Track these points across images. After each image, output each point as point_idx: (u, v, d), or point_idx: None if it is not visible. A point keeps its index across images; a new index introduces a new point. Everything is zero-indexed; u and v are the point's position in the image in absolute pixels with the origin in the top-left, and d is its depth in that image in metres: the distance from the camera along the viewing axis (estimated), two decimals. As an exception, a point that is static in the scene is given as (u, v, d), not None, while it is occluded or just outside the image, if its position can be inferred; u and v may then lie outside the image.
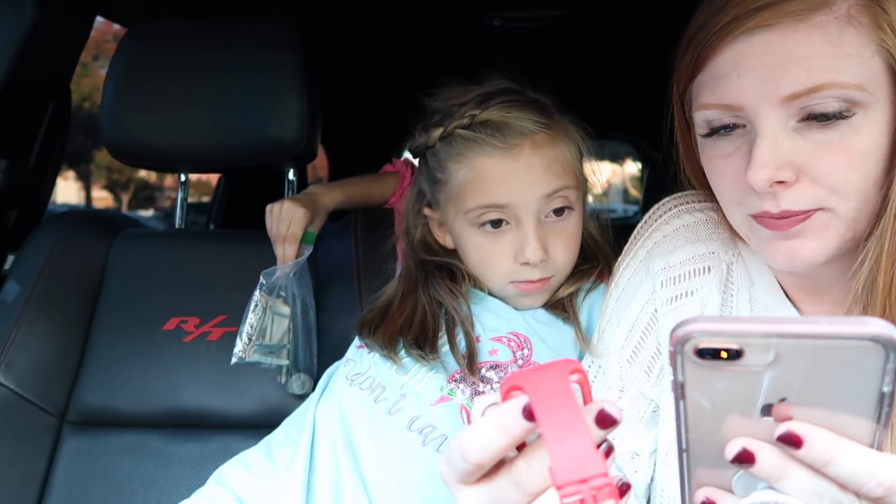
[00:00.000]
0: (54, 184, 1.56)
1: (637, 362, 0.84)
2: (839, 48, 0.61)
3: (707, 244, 0.83)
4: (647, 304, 0.85)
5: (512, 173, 0.95)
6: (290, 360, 1.15)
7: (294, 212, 1.14)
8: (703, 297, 0.81)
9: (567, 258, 1.00)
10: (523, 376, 0.42)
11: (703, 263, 0.82)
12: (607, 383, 0.86)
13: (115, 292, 1.27)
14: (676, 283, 0.82)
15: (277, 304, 1.13)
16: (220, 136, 1.27)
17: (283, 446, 0.99)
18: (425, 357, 0.95)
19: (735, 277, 0.80)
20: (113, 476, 1.14)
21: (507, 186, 0.95)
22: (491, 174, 0.96)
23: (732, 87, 0.64)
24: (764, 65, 0.62)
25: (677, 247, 0.84)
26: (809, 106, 0.62)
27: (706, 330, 0.39)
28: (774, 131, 0.63)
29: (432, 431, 0.93)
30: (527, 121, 0.96)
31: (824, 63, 0.61)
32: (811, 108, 0.62)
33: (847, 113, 0.61)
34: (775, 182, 0.63)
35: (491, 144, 0.95)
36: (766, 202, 0.65)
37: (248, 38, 1.27)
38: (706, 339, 0.39)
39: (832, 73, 0.60)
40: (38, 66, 1.32)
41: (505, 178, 0.95)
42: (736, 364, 0.40)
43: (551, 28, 1.77)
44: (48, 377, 1.19)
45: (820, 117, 0.62)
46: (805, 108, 0.62)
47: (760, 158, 0.63)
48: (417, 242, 1.09)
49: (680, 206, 0.87)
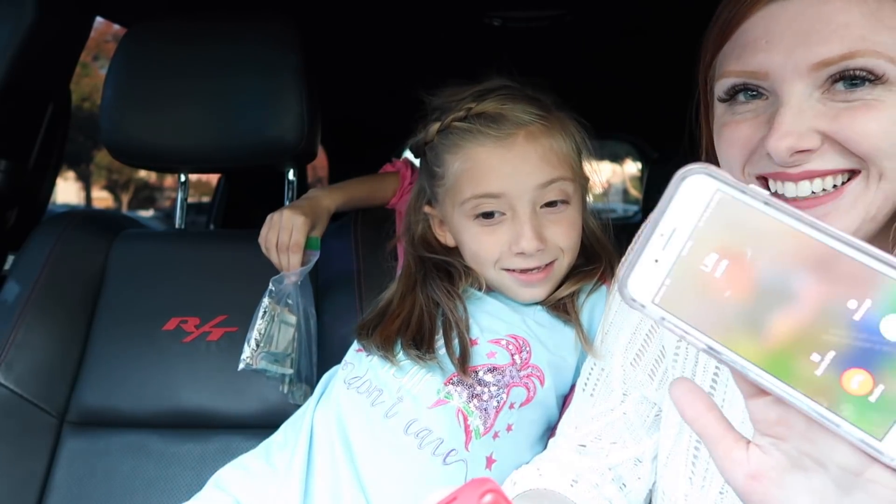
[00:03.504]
0: (54, 184, 1.56)
1: (640, 365, 0.84)
2: (877, 18, 0.59)
3: None
4: None
5: (506, 163, 0.96)
6: (293, 370, 1.15)
7: (294, 220, 1.12)
8: None
9: (567, 243, 1.00)
10: None
11: None
12: (609, 387, 0.86)
13: (115, 292, 1.27)
14: None
15: (284, 312, 1.13)
16: (220, 136, 1.27)
17: (282, 450, 0.99)
18: (422, 357, 0.95)
19: None
20: (113, 476, 1.14)
21: (501, 175, 0.96)
22: (485, 163, 0.96)
23: (760, 52, 0.62)
24: (796, 31, 0.60)
25: None
26: (838, 77, 0.59)
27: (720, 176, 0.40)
28: (799, 99, 0.61)
29: (429, 435, 0.92)
30: (522, 111, 0.97)
31: (860, 32, 0.59)
32: (841, 75, 0.59)
33: (876, 90, 0.59)
34: (797, 152, 0.61)
35: (485, 134, 0.96)
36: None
37: (249, 38, 1.27)
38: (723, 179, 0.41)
39: (869, 41, 0.58)
40: (38, 66, 1.32)
41: (499, 168, 0.96)
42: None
43: (551, 28, 1.76)
44: (48, 377, 1.19)
45: (849, 83, 0.60)
46: (834, 78, 0.60)
47: (783, 126, 0.60)
48: (418, 239, 1.09)
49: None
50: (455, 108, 0.99)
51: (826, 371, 0.39)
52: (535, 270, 0.99)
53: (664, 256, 0.41)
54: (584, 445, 0.86)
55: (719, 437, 0.46)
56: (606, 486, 0.83)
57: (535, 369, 0.96)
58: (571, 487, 0.81)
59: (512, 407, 0.94)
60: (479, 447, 0.93)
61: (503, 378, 0.95)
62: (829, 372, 0.39)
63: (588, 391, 0.88)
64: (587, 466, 0.84)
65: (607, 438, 0.84)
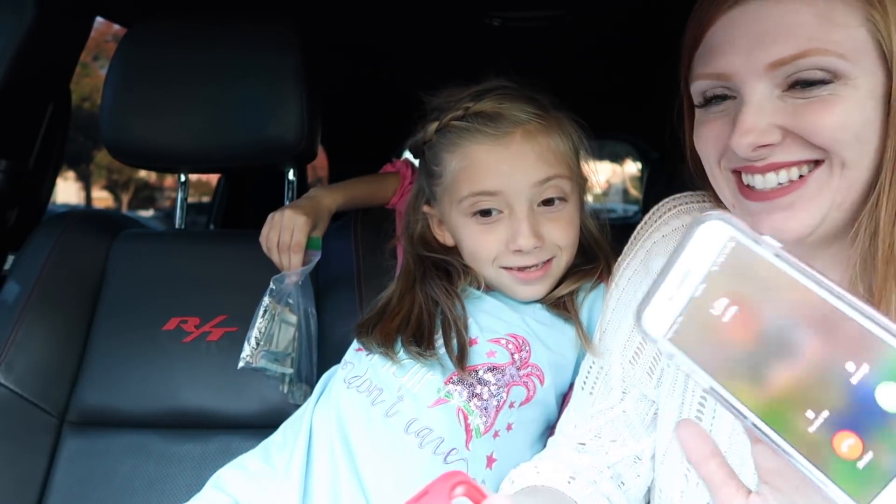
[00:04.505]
0: (54, 184, 1.56)
1: (639, 364, 0.84)
2: (826, 18, 0.62)
3: None
4: None
5: (503, 161, 0.96)
6: (293, 370, 1.15)
7: (296, 220, 1.12)
8: None
9: (565, 241, 1.00)
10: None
11: None
12: (609, 385, 0.86)
13: (115, 292, 1.27)
14: None
15: (285, 312, 1.13)
16: (220, 137, 1.27)
17: (281, 450, 0.99)
18: (423, 354, 0.95)
19: None
20: (113, 476, 1.14)
21: (498, 173, 0.96)
22: (482, 161, 0.97)
23: (724, 55, 0.66)
24: (753, 32, 0.64)
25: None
26: (795, 74, 0.63)
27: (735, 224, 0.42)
28: (760, 98, 0.65)
29: (429, 434, 0.93)
30: (519, 110, 0.97)
31: (811, 31, 0.62)
32: (797, 76, 0.63)
33: (832, 86, 0.63)
34: (759, 146, 0.65)
35: (483, 132, 0.97)
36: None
37: (249, 39, 1.27)
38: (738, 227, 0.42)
39: (818, 41, 0.62)
40: (39, 67, 1.32)
41: (496, 166, 0.97)
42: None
43: (551, 28, 1.76)
44: (48, 377, 1.19)
45: (804, 83, 0.63)
46: (791, 76, 0.64)
47: (744, 124, 0.64)
48: (417, 238, 1.10)
49: (679, 207, 0.87)
50: (453, 107, 1.00)
51: (819, 430, 0.39)
52: (533, 268, 0.99)
53: (678, 295, 0.42)
54: (584, 444, 0.86)
55: (721, 483, 0.47)
56: (605, 484, 0.83)
57: (535, 368, 0.97)
58: (569, 484, 0.82)
59: (512, 406, 0.95)
60: (479, 446, 0.93)
61: (503, 377, 0.95)
62: (822, 431, 0.39)
63: (587, 389, 0.88)
64: (586, 464, 0.84)
65: (607, 436, 0.85)
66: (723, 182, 0.72)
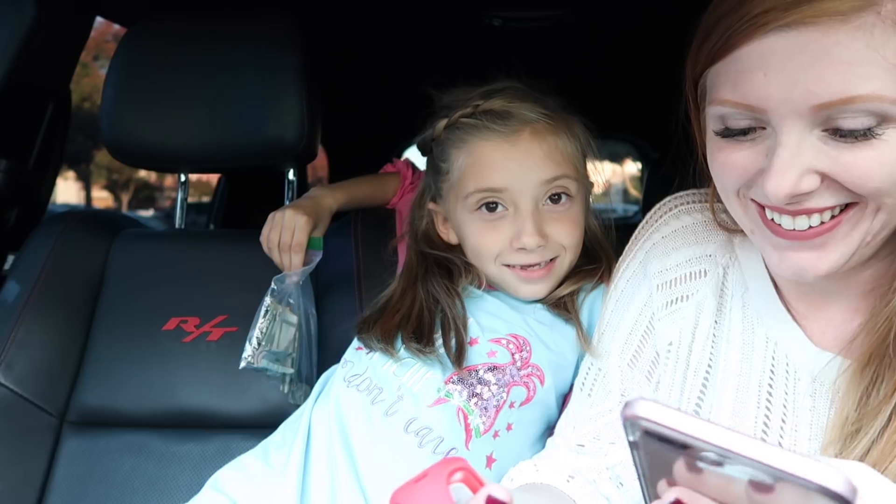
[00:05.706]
0: (54, 184, 1.56)
1: (638, 366, 0.84)
2: (881, 55, 0.55)
3: (705, 246, 0.82)
4: (645, 308, 0.85)
5: (510, 158, 0.97)
6: (294, 370, 1.15)
7: (297, 219, 1.12)
8: (699, 301, 0.80)
9: (569, 240, 1.00)
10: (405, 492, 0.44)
11: (699, 266, 0.81)
12: (607, 387, 0.86)
13: (115, 292, 1.26)
14: (672, 287, 0.82)
15: (286, 311, 1.13)
16: (220, 136, 1.27)
17: (280, 449, 0.99)
18: (423, 351, 0.95)
19: (730, 281, 0.80)
20: (113, 476, 1.14)
21: (505, 170, 0.97)
22: (490, 158, 0.97)
23: (758, 86, 0.59)
24: (796, 66, 0.57)
25: (675, 249, 0.84)
26: (839, 119, 0.57)
27: (652, 420, 0.40)
28: (798, 139, 0.58)
29: (429, 433, 0.93)
30: (528, 109, 0.98)
31: (864, 70, 0.55)
32: (840, 123, 0.57)
33: (878, 130, 0.57)
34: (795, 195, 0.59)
35: (491, 129, 0.97)
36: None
37: (249, 39, 1.27)
38: (653, 426, 0.40)
39: (871, 82, 0.55)
40: (39, 66, 1.32)
41: (503, 163, 0.97)
42: (682, 451, 0.40)
43: (551, 28, 1.76)
44: (48, 377, 1.19)
45: (847, 134, 0.57)
46: (835, 119, 0.57)
47: (780, 167, 0.58)
48: (420, 235, 1.10)
49: (680, 207, 0.87)
50: (463, 105, 1.01)
51: None
52: (536, 267, 0.99)
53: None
54: (583, 445, 0.86)
55: None
56: (604, 483, 0.83)
57: (536, 368, 0.97)
58: (568, 483, 0.82)
59: (512, 406, 0.95)
60: (479, 446, 0.93)
61: (503, 377, 0.95)
62: None
63: (586, 391, 0.88)
64: (585, 465, 0.84)
65: (606, 438, 0.84)
66: (740, 208, 0.67)
